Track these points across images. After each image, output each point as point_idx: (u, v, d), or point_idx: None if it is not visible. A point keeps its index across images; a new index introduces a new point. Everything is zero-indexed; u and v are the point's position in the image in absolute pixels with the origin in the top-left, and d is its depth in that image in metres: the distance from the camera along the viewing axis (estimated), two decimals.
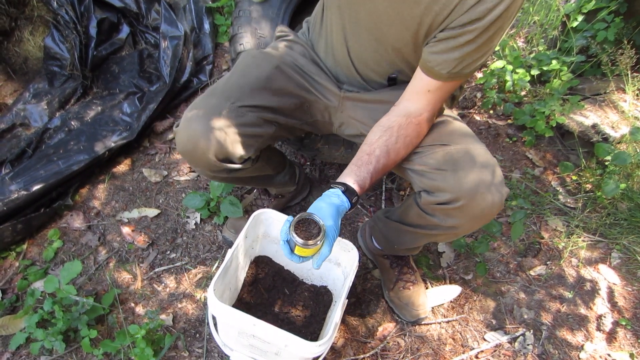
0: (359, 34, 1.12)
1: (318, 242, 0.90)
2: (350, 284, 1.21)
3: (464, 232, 1.12)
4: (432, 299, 1.56)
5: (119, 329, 1.39)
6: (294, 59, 1.26)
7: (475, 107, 2.23)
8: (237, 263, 1.34)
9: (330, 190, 0.99)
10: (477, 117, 2.19)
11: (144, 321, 1.41)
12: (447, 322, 1.54)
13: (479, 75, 2.27)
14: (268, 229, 1.41)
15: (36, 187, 1.59)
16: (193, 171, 1.90)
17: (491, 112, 2.22)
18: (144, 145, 1.97)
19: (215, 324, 1.28)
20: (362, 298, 1.57)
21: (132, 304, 1.50)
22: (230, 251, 1.23)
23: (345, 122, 1.31)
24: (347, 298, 1.54)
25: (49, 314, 1.36)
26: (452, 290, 1.60)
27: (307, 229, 0.92)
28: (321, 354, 1.18)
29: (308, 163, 1.95)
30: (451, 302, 1.59)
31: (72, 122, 1.83)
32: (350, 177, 1.00)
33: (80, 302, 1.39)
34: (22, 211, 1.57)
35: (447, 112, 1.18)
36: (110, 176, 1.85)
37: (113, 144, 1.80)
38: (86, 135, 1.79)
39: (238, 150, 1.13)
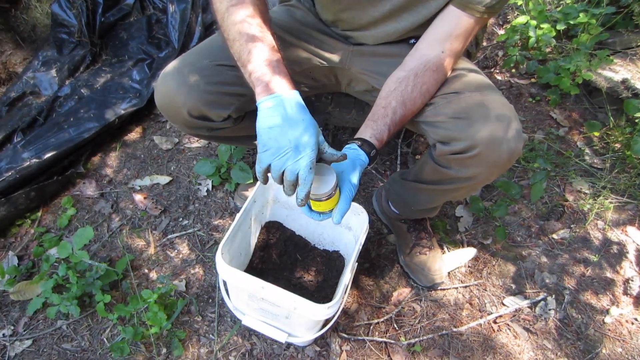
0: None
1: (333, 193, 0.86)
2: (360, 247, 1.16)
3: (481, 183, 1.07)
4: (448, 263, 1.51)
5: (133, 294, 1.38)
6: (293, 24, 1.20)
7: (497, 67, 2.11)
8: (246, 228, 1.30)
9: (347, 146, 0.95)
10: (499, 77, 2.08)
11: (157, 286, 1.40)
12: (465, 287, 1.48)
13: (501, 32, 2.14)
14: (277, 194, 1.37)
15: (48, 155, 1.57)
16: None
17: (513, 71, 2.10)
18: (155, 112, 1.93)
19: (226, 289, 1.25)
20: (377, 263, 1.53)
21: (146, 270, 1.49)
22: (238, 215, 1.19)
23: (354, 78, 1.25)
24: (362, 263, 1.51)
25: (64, 279, 1.36)
26: (467, 253, 1.54)
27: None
28: (332, 317, 1.14)
29: (321, 128, 1.89)
30: (469, 267, 1.53)
31: (82, 90, 1.80)
32: (367, 131, 0.96)
33: (94, 267, 1.39)
34: (35, 179, 1.56)
35: (463, 63, 1.11)
36: (122, 144, 1.83)
37: (123, 112, 1.76)
38: (96, 102, 1.76)
39: (214, 108, 1.09)
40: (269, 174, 0.86)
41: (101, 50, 1.96)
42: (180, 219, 1.63)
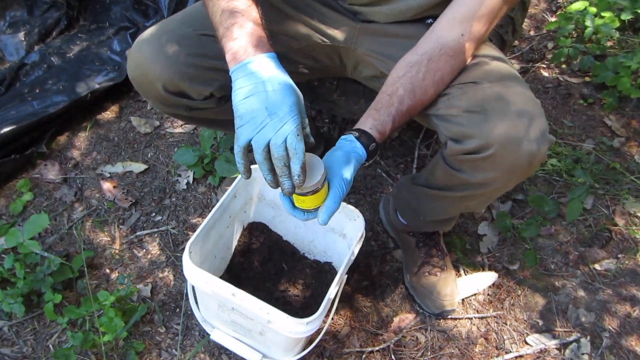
0: None
1: (319, 187, 0.89)
2: (353, 257, 1.20)
3: (497, 191, 1.10)
4: (462, 288, 1.53)
5: (88, 296, 1.43)
6: None
7: (544, 60, 2.12)
8: (223, 227, 1.35)
9: (342, 137, 0.99)
10: (545, 73, 2.09)
11: (117, 288, 1.45)
12: (481, 318, 1.50)
13: (552, 19, 2.16)
14: (264, 190, 1.41)
15: (6, 130, 1.65)
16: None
17: (564, 66, 2.11)
18: (135, 90, 2.00)
19: (195, 297, 1.30)
20: (378, 282, 1.56)
21: (107, 270, 1.55)
22: (213, 210, 1.24)
23: (361, 61, 1.29)
24: (360, 280, 1.54)
25: (10, 273, 1.42)
26: (487, 278, 1.55)
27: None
28: (314, 336, 1.17)
29: (327, 120, 1.93)
30: (488, 295, 1.54)
31: (53, 58, 1.89)
32: (367, 121, 1.00)
33: (46, 260, 1.45)
34: None
35: (487, 49, 1.13)
36: (94, 123, 1.90)
37: (98, 86, 1.84)
38: (67, 73, 1.85)
39: (193, 84, 1.14)
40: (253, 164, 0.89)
41: (79, 14, 2.05)
42: (153, 214, 1.69)
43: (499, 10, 1.05)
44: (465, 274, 1.58)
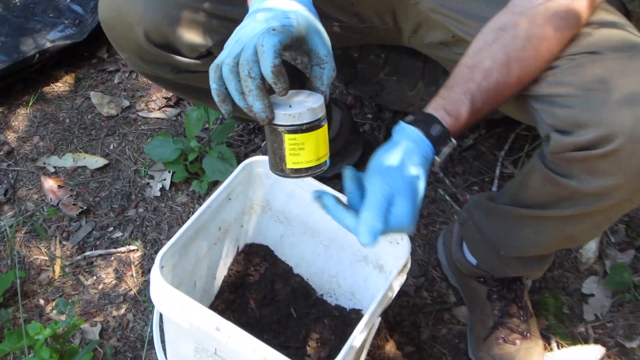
0: None
1: (320, 117, 0.92)
2: (392, 293, 1.25)
3: (619, 208, 1.14)
4: None
5: (14, 329, 1.54)
6: None
7: None
8: (209, 242, 1.42)
9: (393, 128, 1.02)
10: None
11: (55, 320, 1.55)
12: None
13: None
14: (270, 195, 1.49)
15: None
16: (172, 104, 2.06)
17: None
18: (99, 55, 2.16)
19: (162, 338, 1.37)
20: (428, 349, 1.61)
21: (41, 300, 1.66)
22: (194, 216, 1.29)
23: (426, 21, 1.35)
24: (402, 344, 1.58)
25: None
26: (589, 354, 1.60)
27: None
28: None
29: (369, 116, 2.03)
30: None
31: None
32: (434, 101, 1.04)
33: None
34: None
35: (602, 14, 1.21)
36: (38, 97, 2.05)
37: (49, 44, 2.00)
38: (10, 25, 2.02)
39: (187, 33, 1.23)
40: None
41: None
42: (111, 228, 1.80)
43: None
44: (559, 348, 1.63)
